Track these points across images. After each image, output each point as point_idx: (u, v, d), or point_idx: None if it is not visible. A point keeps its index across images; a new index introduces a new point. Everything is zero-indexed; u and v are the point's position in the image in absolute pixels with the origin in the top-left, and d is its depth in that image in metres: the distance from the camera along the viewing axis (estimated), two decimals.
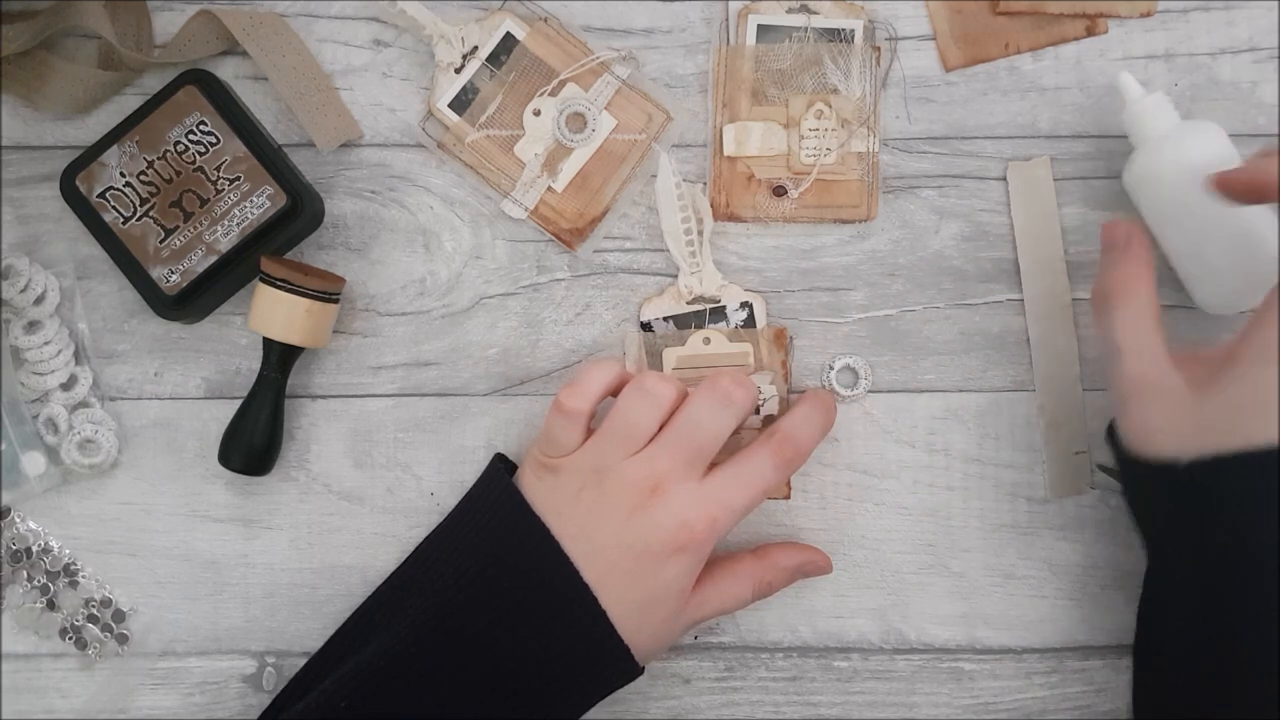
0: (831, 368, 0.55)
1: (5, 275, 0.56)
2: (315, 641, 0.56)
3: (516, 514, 0.51)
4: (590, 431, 0.51)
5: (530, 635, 0.49)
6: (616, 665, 0.50)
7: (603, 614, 0.49)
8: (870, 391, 0.57)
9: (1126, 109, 0.54)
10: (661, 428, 0.51)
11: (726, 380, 0.51)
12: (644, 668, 0.51)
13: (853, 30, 0.57)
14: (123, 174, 0.54)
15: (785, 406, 0.56)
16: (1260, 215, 0.52)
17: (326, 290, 0.54)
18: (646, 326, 0.57)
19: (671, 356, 0.56)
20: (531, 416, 0.57)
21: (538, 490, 0.51)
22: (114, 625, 0.57)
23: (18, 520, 0.57)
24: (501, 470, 0.54)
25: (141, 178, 0.54)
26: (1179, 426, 0.42)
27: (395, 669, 0.49)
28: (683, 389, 0.52)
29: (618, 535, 0.49)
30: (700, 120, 0.57)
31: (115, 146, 0.54)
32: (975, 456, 0.57)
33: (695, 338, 0.56)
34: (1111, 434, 0.50)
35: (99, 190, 0.54)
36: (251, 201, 0.54)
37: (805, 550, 0.55)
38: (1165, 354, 0.46)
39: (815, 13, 0.57)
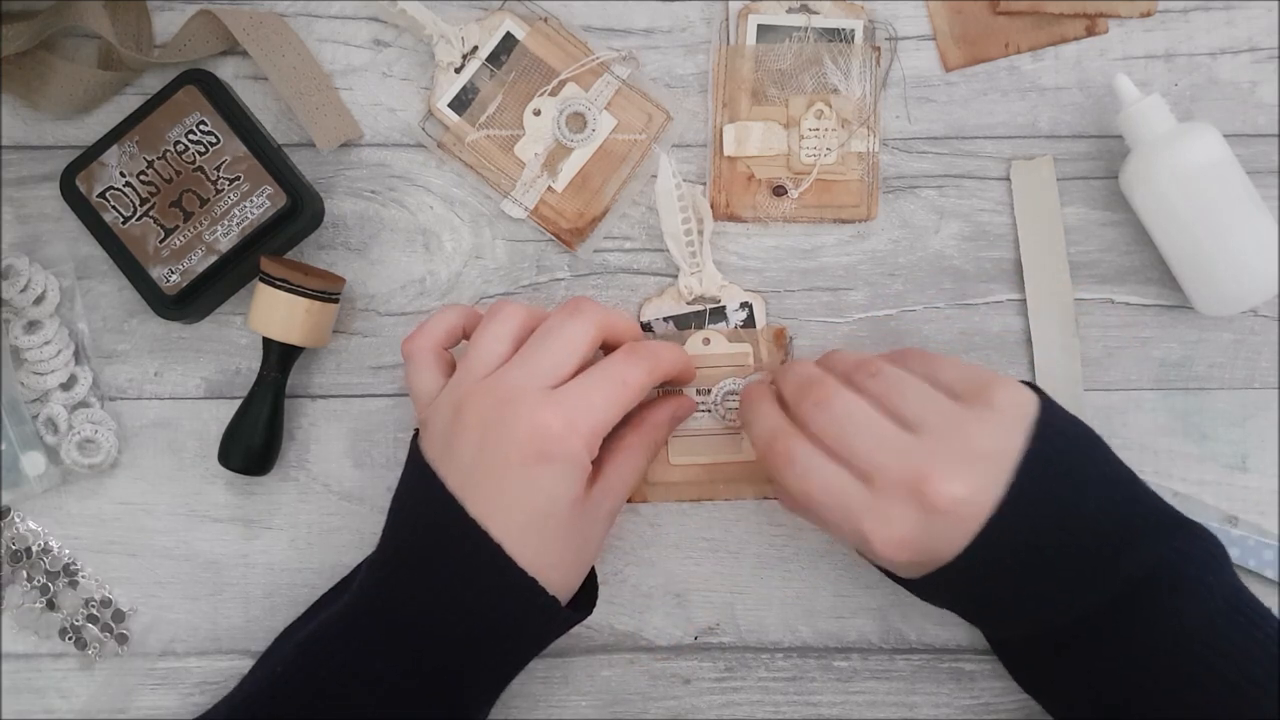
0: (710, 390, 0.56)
1: (5, 275, 0.56)
2: None
3: (412, 469, 0.50)
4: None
5: (441, 590, 0.47)
6: (526, 598, 0.47)
7: (485, 537, 0.46)
8: None
9: (1122, 111, 0.54)
10: None
11: (578, 296, 0.51)
12: (584, 608, 0.51)
13: (853, 30, 0.57)
14: (123, 174, 0.54)
15: None
16: (1257, 216, 0.52)
17: (326, 290, 0.54)
18: (646, 327, 0.57)
19: None
20: None
21: (425, 449, 0.49)
22: (114, 625, 0.56)
23: (18, 520, 0.57)
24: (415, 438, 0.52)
25: (141, 177, 0.54)
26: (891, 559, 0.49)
27: (325, 648, 0.48)
28: (539, 313, 0.51)
29: (479, 457, 0.47)
30: (700, 120, 0.57)
31: (115, 146, 0.54)
32: None
33: (695, 338, 0.56)
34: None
35: (99, 190, 0.54)
36: (251, 201, 0.54)
37: (668, 397, 0.54)
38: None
39: (815, 13, 0.57)
